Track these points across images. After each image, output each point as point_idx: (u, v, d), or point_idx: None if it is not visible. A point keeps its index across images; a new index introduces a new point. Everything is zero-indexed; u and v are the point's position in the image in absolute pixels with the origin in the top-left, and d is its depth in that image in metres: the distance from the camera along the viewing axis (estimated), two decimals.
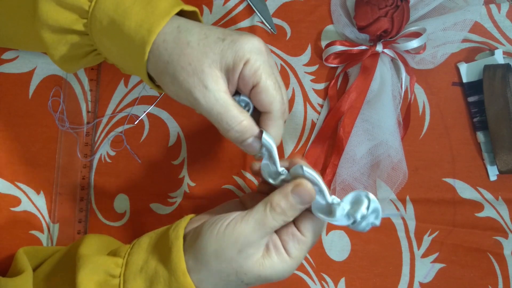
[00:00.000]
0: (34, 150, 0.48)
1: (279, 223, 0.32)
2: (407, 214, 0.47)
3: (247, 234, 0.32)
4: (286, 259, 0.33)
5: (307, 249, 0.34)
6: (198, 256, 0.33)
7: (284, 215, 0.32)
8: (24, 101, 0.49)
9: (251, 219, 0.32)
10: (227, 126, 0.33)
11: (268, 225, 0.32)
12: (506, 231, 0.47)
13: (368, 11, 0.44)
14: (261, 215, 0.32)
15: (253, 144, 0.35)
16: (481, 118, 0.46)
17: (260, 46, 0.34)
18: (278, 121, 0.35)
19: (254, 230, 0.32)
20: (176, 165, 0.48)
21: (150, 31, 0.33)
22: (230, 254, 0.32)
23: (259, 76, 0.33)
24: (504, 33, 0.47)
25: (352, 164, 0.46)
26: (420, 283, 0.47)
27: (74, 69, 0.42)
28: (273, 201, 0.32)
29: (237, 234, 0.32)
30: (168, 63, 0.33)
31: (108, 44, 0.36)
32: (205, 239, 0.32)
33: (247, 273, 0.32)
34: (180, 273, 0.32)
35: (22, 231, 0.48)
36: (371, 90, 0.46)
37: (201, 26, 0.34)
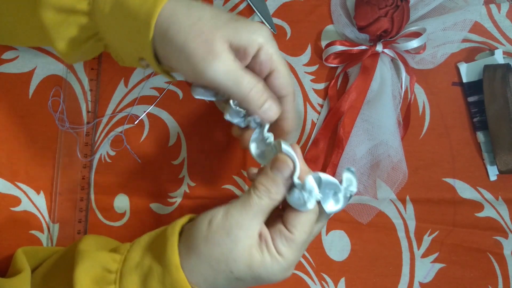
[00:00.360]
0: (34, 150, 0.48)
1: (265, 201, 0.33)
2: (407, 214, 0.47)
3: (234, 215, 0.32)
4: (276, 256, 0.32)
5: (297, 248, 0.33)
6: (189, 243, 0.33)
7: (267, 191, 0.33)
8: (24, 101, 0.49)
9: (238, 202, 0.33)
10: (245, 90, 0.33)
11: (253, 204, 0.32)
12: (506, 231, 0.47)
13: (368, 11, 0.44)
14: (246, 197, 0.33)
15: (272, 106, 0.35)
16: (481, 118, 0.46)
17: (269, 33, 0.34)
18: (293, 103, 0.37)
19: (240, 211, 0.32)
20: (176, 165, 0.48)
21: (155, 3, 0.32)
22: (219, 237, 0.32)
23: (276, 61, 0.34)
24: (504, 33, 0.47)
25: (352, 164, 0.46)
26: (420, 283, 0.47)
27: (74, 57, 0.41)
28: (256, 181, 0.34)
29: (226, 217, 0.32)
30: (178, 33, 0.32)
31: (112, 22, 0.35)
32: (197, 226, 0.33)
33: (236, 259, 0.32)
34: (173, 267, 0.32)
35: (22, 231, 0.48)
36: (371, 90, 0.46)
37: (211, 7, 0.34)
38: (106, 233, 0.48)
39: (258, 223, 0.33)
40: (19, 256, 0.42)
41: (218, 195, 0.48)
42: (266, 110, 0.35)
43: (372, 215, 0.47)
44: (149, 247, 0.35)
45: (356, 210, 0.47)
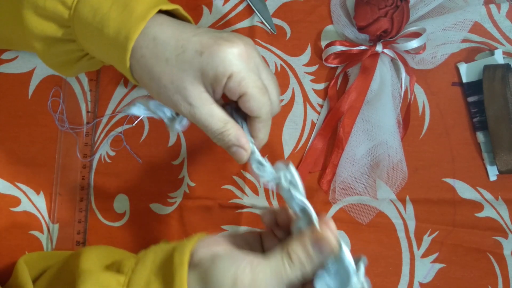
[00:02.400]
0: (34, 150, 0.48)
1: (297, 275, 0.31)
2: (407, 214, 0.47)
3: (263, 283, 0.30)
4: None
5: None
6: None
7: (302, 266, 0.31)
8: (23, 101, 0.48)
9: (268, 267, 0.31)
10: (211, 134, 0.35)
11: (284, 276, 0.30)
12: (506, 231, 0.47)
13: (368, 11, 0.44)
14: (278, 264, 0.31)
15: (238, 151, 0.35)
16: (481, 118, 0.46)
17: (240, 53, 0.33)
18: (267, 123, 0.36)
19: (271, 280, 0.30)
20: (176, 165, 0.48)
21: (127, 38, 0.33)
22: None
23: (244, 86, 0.33)
24: (504, 33, 0.47)
25: (352, 164, 0.46)
26: (420, 283, 0.47)
27: (73, 73, 0.42)
28: (290, 250, 0.31)
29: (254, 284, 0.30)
30: (151, 80, 0.34)
31: (95, 49, 0.36)
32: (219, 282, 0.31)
33: None
34: None
35: (22, 231, 0.48)
36: (371, 90, 0.46)
37: (178, 36, 0.33)
38: (106, 233, 0.48)
39: None
40: (20, 268, 0.41)
41: (218, 195, 0.48)
42: (233, 154, 0.35)
43: (372, 215, 0.47)
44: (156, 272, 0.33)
45: (355, 211, 0.47)
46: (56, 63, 0.39)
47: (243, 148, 0.35)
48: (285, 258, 0.31)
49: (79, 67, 0.41)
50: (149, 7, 0.34)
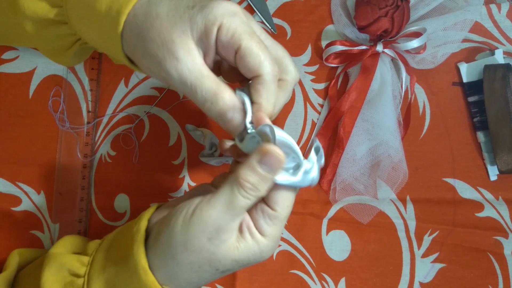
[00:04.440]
0: (35, 150, 0.48)
1: (251, 200, 0.29)
2: (407, 214, 0.47)
3: (216, 219, 0.29)
4: (261, 239, 0.30)
5: (281, 223, 0.31)
6: (165, 250, 0.30)
7: (255, 190, 0.29)
8: (24, 101, 0.49)
9: (218, 202, 0.29)
10: (201, 98, 0.30)
11: (238, 205, 0.29)
12: (506, 231, 0.47)
13: (368, 11, 0.44)
14: (229, 196, 0.29)
15: (233, 117, 0.30)
16: (481, 118, 0.46)
17: (233, 9, 0.30)
18: (270, 85, 0.31)
19: (223, 213, 0.29)
20: (177, 165, 0.48)
21: (119, 12, 0.31)
22: (199, 244, 0.29)
23: (238, 38, 0.29)
24: (504, 33, 0.47)
25: (352, 164, 0.46)
26: (420, 283, 0.47)
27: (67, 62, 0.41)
28: (240, 177, 0.29)
29: (205, 220, 0.29)
30: (138, 38, 0.31)
31: (87, 29, 0.34)
32: (170, 230, 0.30)
33: (221, 260, 0.30)
34: (141, 271, 0.30)
35: (22, 231, 0.48)
36: (371, 90, 0.46)
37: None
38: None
39: (240, 220, 0.30)
40: (11, 256, 0.41)
41: None
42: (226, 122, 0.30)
43: (372, 215, 0.47)
44: (116, 245, 0.33)
45: (356, 210, 0.47)
46: (49, 49, 0.38)
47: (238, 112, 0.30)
48: (235, 188, 0.29)
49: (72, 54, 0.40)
50: None
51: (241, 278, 0.47)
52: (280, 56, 0.34)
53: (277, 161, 0.29)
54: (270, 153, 0.29)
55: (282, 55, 0.34)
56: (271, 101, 0.31)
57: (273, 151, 0.29)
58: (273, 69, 0.31)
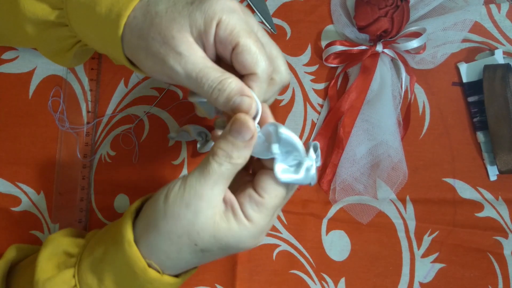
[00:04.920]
0: (34, 150, 0.48)
1: (226, 167, 0.30)
2: (407, 214, 0.47)
3: (193, 185, 0.29)
4: (245, 222, 0.30)
5: (268, 213, 0.31)
6: (147, 219, 0.31)
7: (228, 157, 0.29)
8: (24, 101, 0.49)
9: (196, 170, 0.30)
10: (209, 88, 0.30)
11: (212, 170, 0.29)
12: (506, 231, 0.47)
13: (368, 11, 0.44)
14: (205, 164, 0.30)
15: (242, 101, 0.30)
16: (481, 118, 0.46)
17: (232, 5, 0.30)
18: (263, 84, 0.31)
19: (199, 180, 0.29)
20: (176, 165, 0.48)
21: (119, 15, 0.31)
22: (178, 210, 0.29)
23: (236, 35, 0.30)
24: (504, 33, 0.47)
25: (352, 164, 0.46)
26: (420, 283, 0.47)
27: (68, 63, 0.41)
28: (214, 146, 0.30)
29: (183, 187, 0.30)
30: (140, 39, 0.31)
31: (87, 32, 0.35)
32: (154, 200, 0.31)
33: (199, 232, 0.30)
34: (126, 243, 0.30)
35: (22, 231, 0.48)
36: (371, 90, 0.46)
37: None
38: None
39: (221, 191, 0.30)
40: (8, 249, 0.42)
41: None
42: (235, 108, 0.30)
43: (372, 215, 0.47)
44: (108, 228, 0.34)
45: (356, 210, 0.47)
46: (50, 51, 0.38)
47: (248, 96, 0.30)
48: (210, 155, 0.30)
49: (73, 56, 0.40)
50: None
51: (241, 278, 0.47)
52: (274, 55, 0.34)
53: (244, 126, 0.29)
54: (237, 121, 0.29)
55: (276, 54, 0.34)
56: (260, 99, 0.32)
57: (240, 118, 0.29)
58: (268, 68, 0.31)
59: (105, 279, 0.32)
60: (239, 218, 0.30)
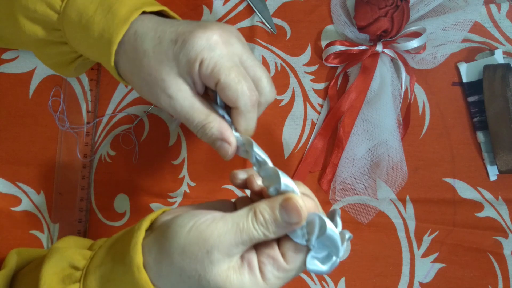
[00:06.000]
0: (35, 150, 0.48)
1: (259, 234, 0.29)
2: (407, 214, 0.47)
3: (220, 234, 0.29)
4: (260, 281, 0.29)
5: (286, 279, 0.30)
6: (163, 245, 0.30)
7: (265, 227, 0.29)
8: (24, 101, 0.49)
9: (230, 220, 0.29)
10: (194, 128, 0.33)
11: (246, 231, 0.29)
12: (506, 231, 0.47)
13: (368, 11, 0.44)
14: (242, 219, 0.29)
15: (222, 146, 0.33)
16: (481, 118, 0.46)
17: (213, 41, 0.32)
18: (248, 115, 0.33)
19: (229, 232, 0.29)
20: (176, 165, 0.49)
21: (110, 42, 0.33)
22: (197, 252, 0.29)
23: (217, 73, 0.31)
24: (504, 33, 0.47)
25: (352, 164, 0.46)
26: (420, 283, 0.47)
27: (71, 73, 0.42)
28: (258, 208, 0.29)
29: (211, 231, 0.29)
30: (132, 75, 0.34)
31: (84, 51, 0.36)
32: (174, 230, 0.30)
33: (210, 281, 0.29)
34: (135, 268, 0.30)
35: (22, 231, 0.48)
36: (371, 90, 0.46)
37: (156, 28, 0.33)
38: (106, 233, 0.49)
39: (243, 249, 0.30)
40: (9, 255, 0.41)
41: (218, 195, 0.48)
42: (217, 149, 0.34)
43: (372, 215, 0.47)
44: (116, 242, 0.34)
45: (356, 210, 0.47)
46: (52, 63, 0.40)
47: (227, 141, 0.33)
48: (250, 214, 0.29)
49: (76, 67, 0.41)
50: (133, 9, 0.34)
51: None
52: (257, 77, 0.35)
53: (297, 214, 0.29)
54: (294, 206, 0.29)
55: (260, 76, 0.35)
56: (250, 128, 0.34)
57: (298, 206, 0.29)
58: (251, 98, 0.33)
59: None
60: (254, 276, 0.30)
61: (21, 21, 0.36)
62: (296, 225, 0.29)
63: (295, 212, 0.29)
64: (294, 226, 0.29)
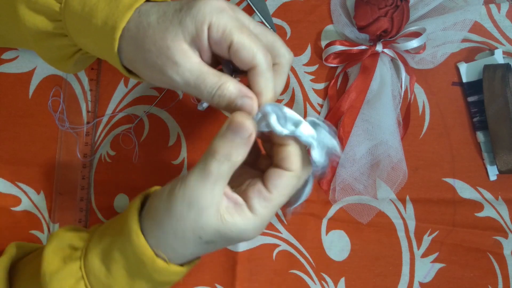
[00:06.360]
0: (34, 150, 0.48)
1: (226, 165, 0.30)
2: (407, 214, 0.47)
3: (193, 186, 0.30)
4: (249, 215, 0.31)
5: (273, 208, 0.32)
6: (152, 215, 0.32)
7: (227, 155, 0.30)
8: (24, 101, 0.49)
9: (196, 170, 0.30)
10: (208, 94, 0.31)
11: (213, 172, 0.30)
12: (506, 231, 0.47)
13: (368, 11, 0.44)
14: (203, 163, 0.30)
15: (244, 103, 0.31)
16: (481, 118, 0.46)
17: (220, 5, 0.31)
18: (267, 74, 0.32)
19: (199, 180, 0.30)
20: (176, 165, 0.49)
21: (114, 28, 0.32)
22: (180, 211, 0.30)
23: (229, 34, 0.30)
24: (504, 33, 0.47)
25: (352, 164, 0.46)
26: (420, 283, 0.47)
27: (69, 69, 0.42)
28: (212, 145, 0.30)
29: (184, 187, 0.30)
30: (136, 51, 0.32)
31: (85, 42, 0.36)
32: (158, 199, 0.32)
33: (203, 227, 0.30)
34: (134, 234, 0.31)
35: (22, 231, 0.48)
36: (371, 90, 0.46)
37: (161, 4, 0.33)
38: None
39: (221, 189, 0.31)
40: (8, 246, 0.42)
41: None
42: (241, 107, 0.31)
43: (372, 215, 0.47)
44: (113, 221, 0.35)
45: (356, 210, 0.47)
46: (51, 58, 0.39)
47: (248, 96, 0.31)
48: (209, 156, 0.30)
49: (74, 63, 0.40)
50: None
51: (241, 278, 0.47)
52: (270, 41, 0.34)
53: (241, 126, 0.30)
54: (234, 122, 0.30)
55: (273, 39, 0.34)
56: (270, 88, 0.32)
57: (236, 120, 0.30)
58: (266, 57, 0.32)
59: (113, 268, 0.33)
60: (244, 212, 0.31)
61: (21, 11, 0.35)
62: (250, 137, 0.30)
63: (242, 128, 0.30)
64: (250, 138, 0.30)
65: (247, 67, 0.32)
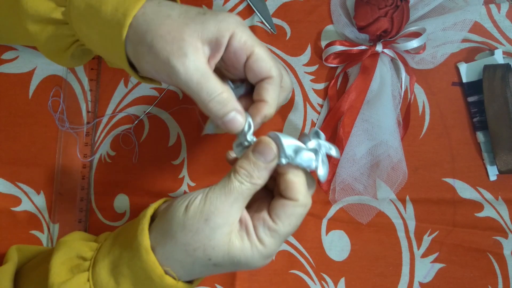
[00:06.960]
0: (34, 150, 0.48)
1: (246, 186, 0.31)
2: (407, 214, 0.47)
3: (213, 201, 0.31)
4: (257, 244, 0.31)
5: (279, 238, 0.32)
6: (165, 228, 0.32)
7: (249, 176, 0.31)
8: (24, 101, 0.49)
9: (217, 186, 0.32)
10: (207, 96, 0.32)
11: (234, 189, 0.31)
12: (506, 231, 0.47)
13: (368, 11, 0.44)
14: (226, 181, 0.31)
15: (235, 118, 0.33)
16: (481, 118, 0.46)
17: (242, 21, 0.33)
18: (277, 87, 0.34)
19: (220, 196, 0.31)
20: (176, 165, 0.49)
21: (125, 15, 0.32)
22: (197, 224, 0.31)
23: (250, 46, 0.32)
24: (504, 33, 0.47)
25: (352, 164, 0.46)
26: (420, 283, 0.47)
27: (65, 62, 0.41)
28: (237, 164, 0.32)
29: (204, 202, 0.31)
30: (146, 32, 0.32)
31: (87, 31, 0.35)
32: (172, 211, 0.32)
33: (214, 247, 0.31)
34: (143, 250, 0.31)
35: (22, 231, 0.48)
36: (371, 90, 0.46)
37: (182, 4, 0.34)
38: None
39: (239, 209, 0.32)
40: (10, 251, 0.42)
41: None
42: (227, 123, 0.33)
43: (372, 215, 0.47)
44: (121, 232, 0.35)
45: (356, 210, 0.47)
46: (48, 49, 0.39)
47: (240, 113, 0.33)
48: (232, 173, 0.32)
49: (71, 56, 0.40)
50: None
51: (241, 278, 0.47)
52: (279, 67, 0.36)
53: (267, 148, 0.32)
54: (261, 143, 0.32)
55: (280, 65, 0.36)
56: (276, 100, 0.34)
57: (264, 141, 0.32)
58: (280, 73, 0.34)
59: (121, 282, 0.32)
60: (252, 239, 0.32)
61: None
62: (273, 161, 0.32)
63: (268, 150, 0.32)
64: (272, 163, 0.32)
65: (263, 76, 0.34)
